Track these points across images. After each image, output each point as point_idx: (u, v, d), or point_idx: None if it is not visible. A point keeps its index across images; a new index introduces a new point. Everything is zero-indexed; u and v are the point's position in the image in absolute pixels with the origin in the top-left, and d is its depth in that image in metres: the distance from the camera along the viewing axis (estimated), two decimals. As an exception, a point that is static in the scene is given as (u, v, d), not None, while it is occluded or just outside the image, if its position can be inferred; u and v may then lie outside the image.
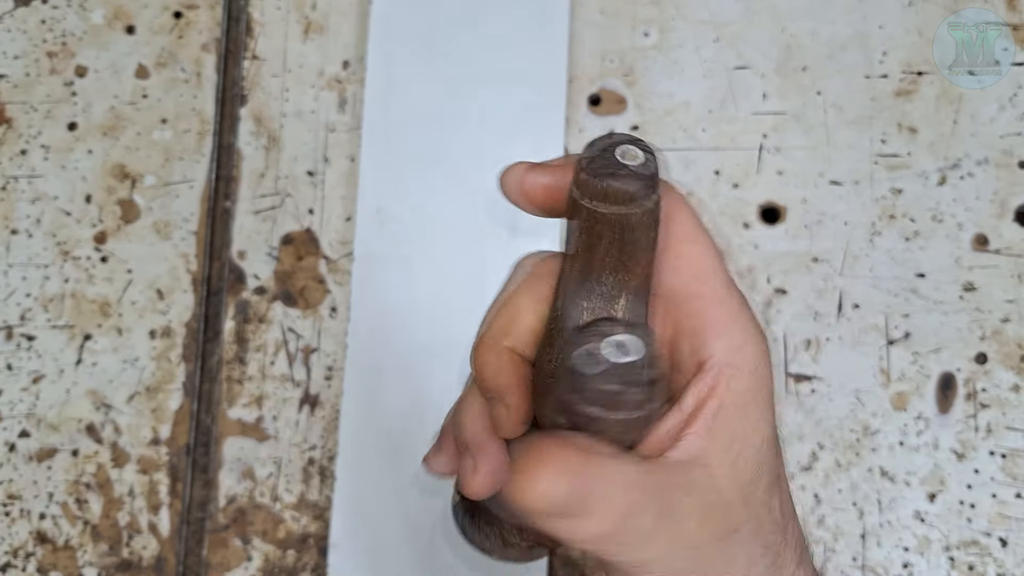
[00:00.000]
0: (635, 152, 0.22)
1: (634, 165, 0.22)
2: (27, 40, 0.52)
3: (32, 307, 0.49)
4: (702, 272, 0.24)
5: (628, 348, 0.20)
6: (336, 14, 0.50)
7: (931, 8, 0.48)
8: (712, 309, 0.24)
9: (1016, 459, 0.44)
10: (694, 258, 0.24)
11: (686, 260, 0.24)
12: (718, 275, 0.24)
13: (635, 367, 0.20)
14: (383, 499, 0.45)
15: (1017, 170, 0.46)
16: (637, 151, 0.22)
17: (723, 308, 0.24)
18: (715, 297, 0.24)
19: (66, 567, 0.47)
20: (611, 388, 0.20)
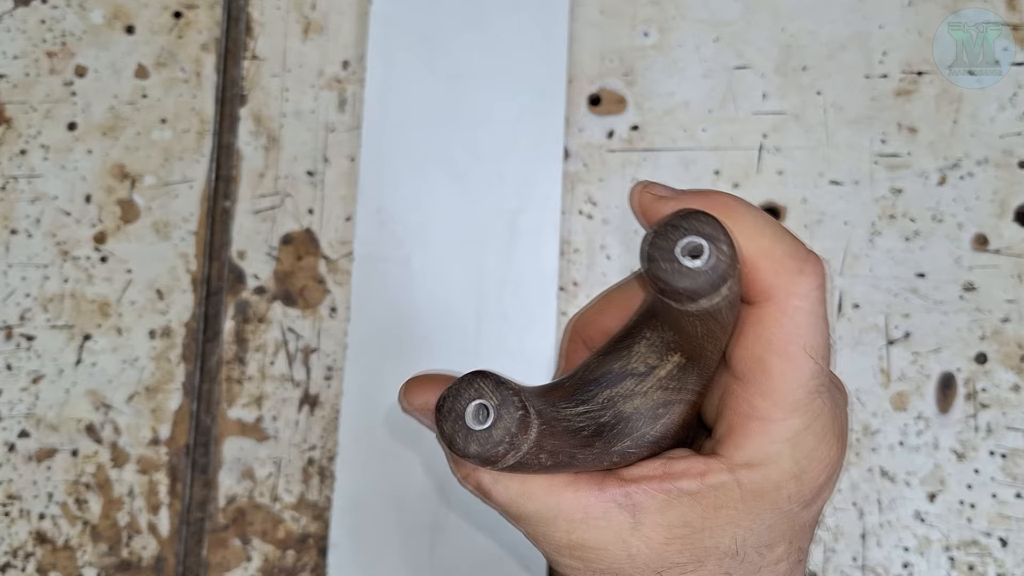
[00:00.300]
0: (699, 245, 0.19)
1: (694, 266, 0.19)
2: (26, 40, 0.52)
3: (31, 307, 0.49)
4: (774, 391, 0.22)
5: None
6: (336, 14, 0.50)
7: (931, 8, 0.48)
8: (750, 420, 0.22)
9: (1016, 459, 0.44)
10: (772, 373, 0.22)
11: (762, 373, 0.22)
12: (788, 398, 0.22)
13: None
14: (383, 499, 0.45)
15: (1017, 170, 0.46)
16: (703, 245, 0.19)
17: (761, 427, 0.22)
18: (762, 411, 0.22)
19: (65, 567, 0.47)
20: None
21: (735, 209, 0.21)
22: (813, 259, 0.22)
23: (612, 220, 0.47)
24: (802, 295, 0.21)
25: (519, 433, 0.20)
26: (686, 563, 0.23)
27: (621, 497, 0.23)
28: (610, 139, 0.48)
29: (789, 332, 0.21)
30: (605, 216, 0.47)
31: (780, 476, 0.22)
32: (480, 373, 0.21)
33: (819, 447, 0.22)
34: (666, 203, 0.22)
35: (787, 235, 0.22)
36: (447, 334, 0.46)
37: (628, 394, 0.22)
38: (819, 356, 0.22)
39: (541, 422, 0.21)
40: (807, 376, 0.22)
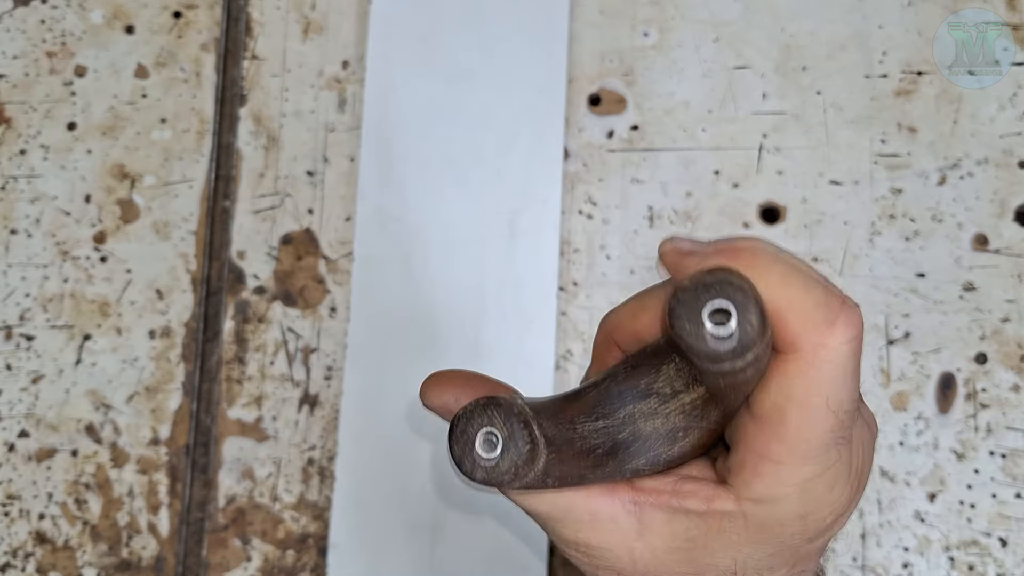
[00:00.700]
0: (727, 311, 0.19)
1: (719, 333, 0.19)
2: (26, 40, 0.52)
3: (31, 307, 0.49)
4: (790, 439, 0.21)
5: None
6: (335, 14, 0.50)
7: (931, 8, 0.48)
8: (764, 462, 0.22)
9: (1016, 459, 0.44)
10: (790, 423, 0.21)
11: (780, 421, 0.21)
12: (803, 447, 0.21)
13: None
14: (383, 499, 0.45)
15: (1017, 170, 0.46)
16: (730, 311, 0.19)
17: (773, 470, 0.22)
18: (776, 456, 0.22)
19: (65, 567, 0.47)
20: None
21: (762, 260, 0.21)
22: (847, 311, 0.21)
23: (612, 220, 0.47)
24: (830, 348, 0.21)
25: (525, 465, 0.21)
26: (685, 573, 0.23)
27: (630, 504, 0.23)
28: (610, 139, 0.48)
29: (813, 386, 0.21)
30: (605, 216, 0.47)
31: (786, 516, 0.22)
32: (494, 401, 0.21)
33: (829, 493, 0.22)
34: (692, 258, 0.22)
35: (818, 285, 0.21)
36: (447, 334, 0.46)
37: (650, 413, 0.22)
38: (842, 410, 0.21)
39: (551, 451, 0.21)
40: (826, 430, 0.21)
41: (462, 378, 0.26)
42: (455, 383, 0.25)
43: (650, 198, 0.47)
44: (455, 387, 0.25)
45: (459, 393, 0.25)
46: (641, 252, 0.47)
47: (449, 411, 0.25)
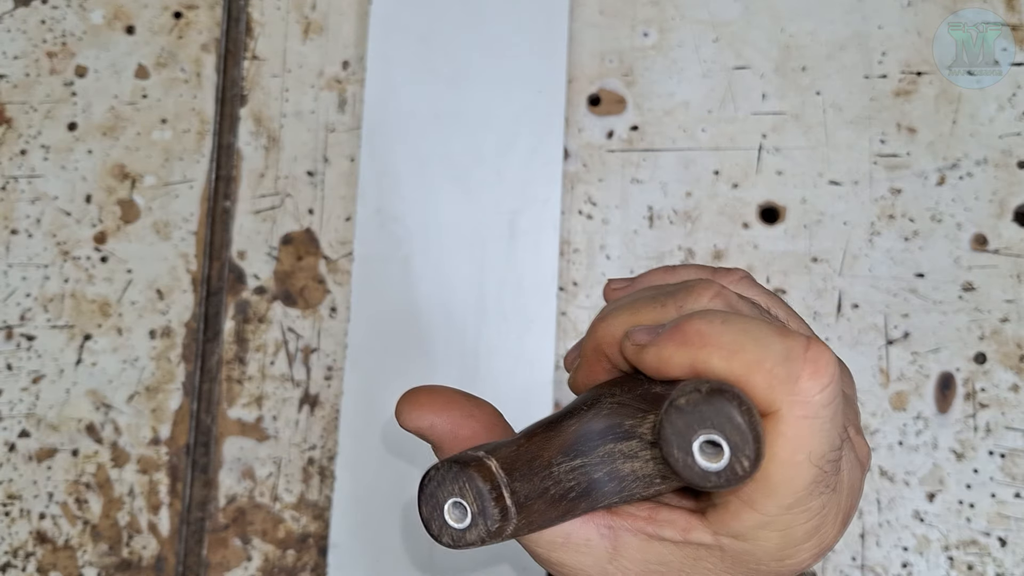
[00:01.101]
0: (718, 444, 0.18)
1: (711, 468, 0.18)
2: (27, 40, 0.52)
3: (32, 307, 0.49)
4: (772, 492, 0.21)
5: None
6: (336, 14, 0.50)
7: (930, 8, 0.48)
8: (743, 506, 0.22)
9: (1015, 459, 0.44)
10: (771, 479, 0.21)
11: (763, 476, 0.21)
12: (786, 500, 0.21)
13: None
14: (383, 499, 0.45)
15: (1016, 170, 0.46)
16: (723, 448, 0.18)
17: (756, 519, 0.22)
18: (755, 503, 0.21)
19: (66, 567, 0.47)
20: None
21: (710, 338, 0.20)
22: (812, 356, 0.20)
23: (612, 220, 0.47)
24: (803, 403, 0.20)
25: (493, 536, 0.20)
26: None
27: (604, 528, 0.23)
28: (610, 139, 0.48)
29: (792, 444, 0.20)
30: (605, 216, 0.47)
31: (764, 554, 0.22)
32: (466, 468, 0.20)
33: (811, 537, 0.22)
34: (650, 352, 0.21)
35: (775, 339, 0.20)
36: (447, 334, 0.46)
37: (630, 455, 0.22)
38: (825, 461, 0.21)
39: (521, 513, 0.21)
40: (808, 482, 0.21)
41: (439, 400, 0.25)
42: (432, 406, 0.25)
43: (650, 198, 0.47)
44: (431, 411, 0.25)
45: (435, 418, 0.25)
46: (641, 252, 0.47)
47: (424, 435, 0.25)
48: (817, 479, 0.21)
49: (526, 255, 0.46)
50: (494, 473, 0.20)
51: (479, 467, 0.20)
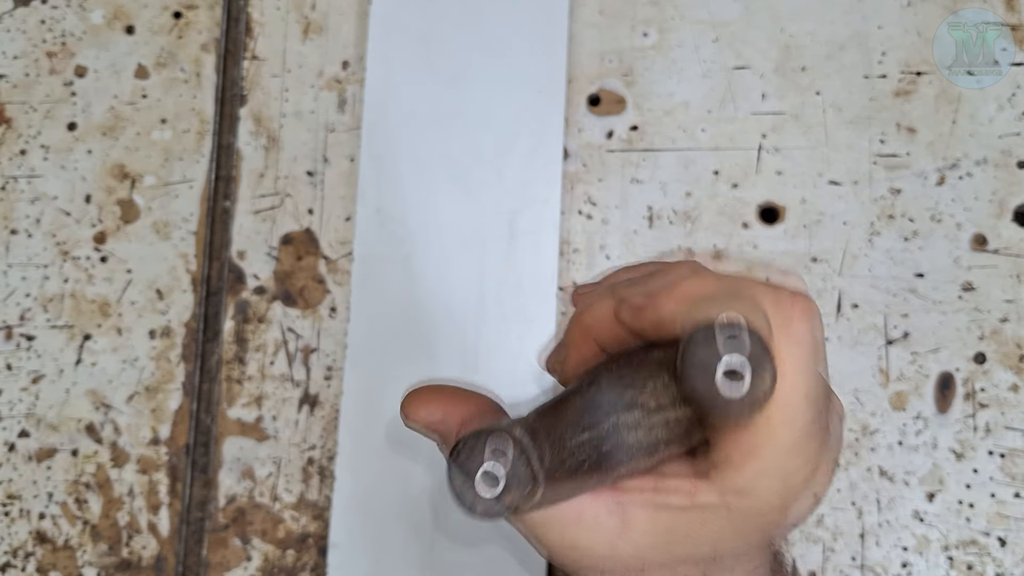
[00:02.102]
0: (740, 364, 0.19)
1: (733, 395, 0.19)
2: (26, 40, 0.52)
3: (31, 307, 0.49)
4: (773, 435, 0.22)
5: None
6: (335, 14, 0.51)
7: (930, 8, 0.48)
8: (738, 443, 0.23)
9: (1015, 459, 0.44)
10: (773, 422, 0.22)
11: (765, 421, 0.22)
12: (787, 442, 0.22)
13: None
14: (383, 499, 0.45)
15: (1016, 170, 0.46)
16: (745, 365, 0.19)
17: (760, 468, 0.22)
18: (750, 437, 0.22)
19: (66, 567, 0.47)
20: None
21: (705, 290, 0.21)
22: (799, 302, 0.21)
23: (611, 220, 0.47)
24: (797, 343, 0.21)
25: (524, 501, 0.21)
26: (666, 562, 0.24)
27: (613, 504, 0.24)
28: (609, 139, 0.48)
29: (790, 383, 0.21)
30: (604, 216, 0.48)
31: (767, 507, 0.23)
32: (497, 434, 0.21)
33: (808, 483, 0.23)
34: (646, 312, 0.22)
35: (764, 287, 0.22)
36: (447, 334, 0.46)
37: (634, 425, 0.22)
38: (818, 400, 0.22)
39: (547, 485, 0.21)
40: (806, 422, 0.22)
41: (445, 395, 0.25)
42: (439, 402, 0.25)
43: (650, 198, 0.47)
44: (439, 406, 0.25)
45: (443, 412, 0.25)
46: (641, 252, 0.47)
47: (434, 430, 0.25)
48: (813, 419, 0.22)
49: (526, 255, 0.46)
50: (520, 439, 0.21)
51: (508, 434, 0.21)
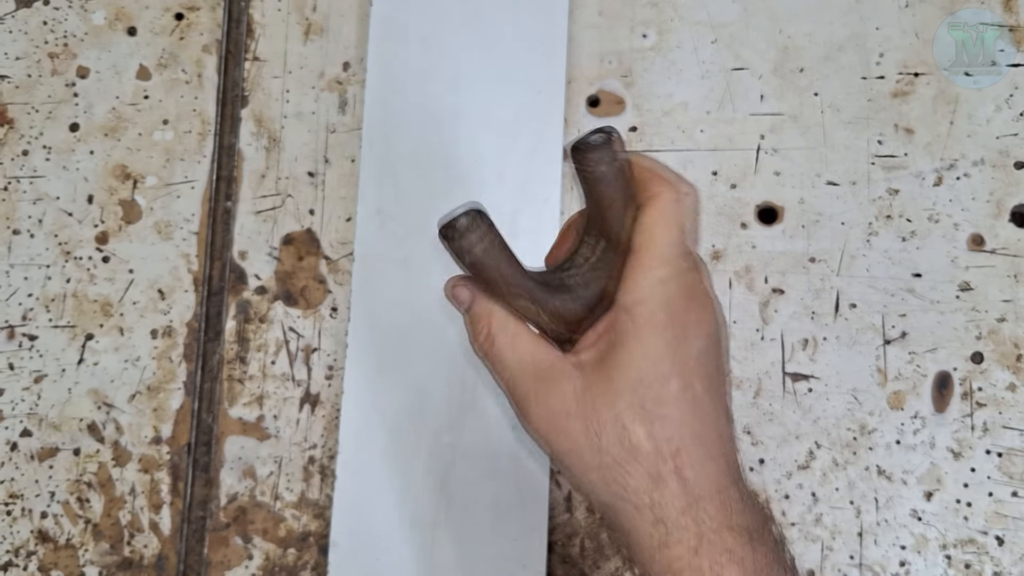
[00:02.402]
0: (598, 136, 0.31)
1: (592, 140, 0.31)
2: (28, 41, 0.52)
3: (34, 307, 0.49)
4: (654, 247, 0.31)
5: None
6: (336, 16, 0.51)
7: (927, 9, 0.48)
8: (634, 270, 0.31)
9: (1012, 458, 0.44)
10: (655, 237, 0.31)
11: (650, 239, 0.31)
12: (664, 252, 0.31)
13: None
14: (383, 498, 0.45)
15: (1013, 171, 0.46)
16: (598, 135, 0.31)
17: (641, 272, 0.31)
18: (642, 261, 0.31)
19: (67, 566, 0.47)
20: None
21: (645, 161, 0.33)
22: (686, 182, 0.32)
23: (611, 220, 0.48)
24: (676, 193, 0.31)
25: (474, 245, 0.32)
26: (610, 394, 0.30)
27: (573, 358, 0.32)
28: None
29: (667, 213, 0.31)
30: (604, 216, 0.48)
31: (654, 308, 0.30)
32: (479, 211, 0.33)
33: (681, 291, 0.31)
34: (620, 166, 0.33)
35: (669, 170, 0.33)
36: (447, 334, 0.46)
37: (575, 273, 0.34)
38: (687, 235, 0.31)
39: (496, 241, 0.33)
40: (676, 239, 0.31)
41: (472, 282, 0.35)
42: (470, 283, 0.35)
43: (649, 199, 0.48)
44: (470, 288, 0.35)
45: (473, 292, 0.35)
46: (640, 252, 0.47)
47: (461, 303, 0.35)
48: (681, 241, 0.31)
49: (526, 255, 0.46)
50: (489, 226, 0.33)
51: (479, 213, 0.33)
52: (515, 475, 0.45)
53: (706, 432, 0.29)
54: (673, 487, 0.29)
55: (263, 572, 0.47)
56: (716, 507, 0.28)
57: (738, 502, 0.29)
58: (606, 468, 0.29)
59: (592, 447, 0.30)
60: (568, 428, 0.30)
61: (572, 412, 0.30)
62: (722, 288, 0.47)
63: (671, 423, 0.29)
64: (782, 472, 0.45)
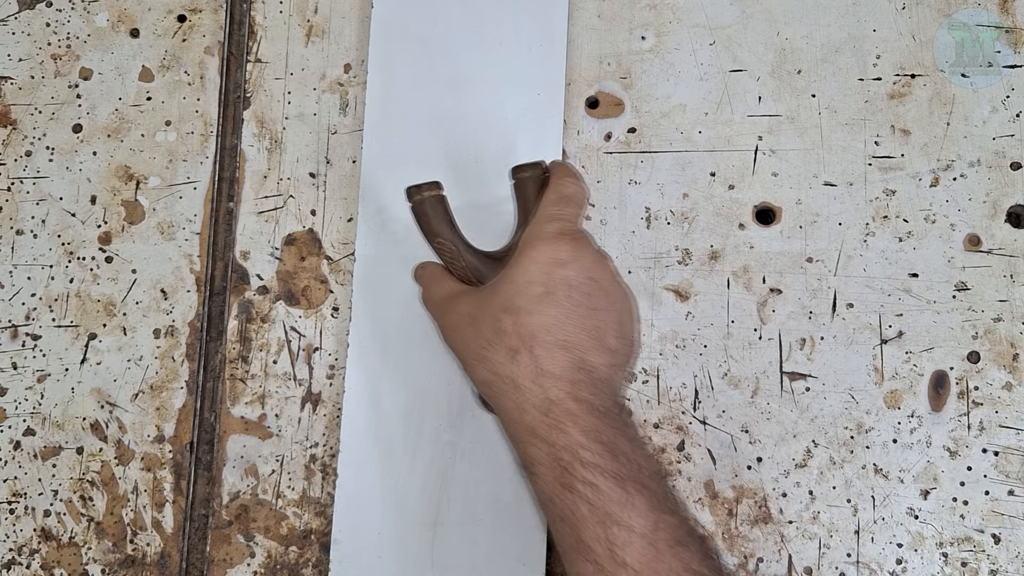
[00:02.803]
0: (530, 164, 0.45)
1: (528, 163, 0.45)
2: (32, 43, 0.52)
3: (37, 307, 0.50)
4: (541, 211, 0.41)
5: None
6: (337, 18, 0.51)
7: (924, 12, 0.48)
8: (527, 224, 0.41)
9: (1009, 456, 0.45)
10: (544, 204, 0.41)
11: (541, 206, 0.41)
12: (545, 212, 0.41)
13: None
14: (384, 496, 0.45)
15: (1009, 171, 0.47)
16: (529, 164, 0.45)
17: (531, 223, 0.41)
18: (533, 216, 0.41)
19: (70, 564, 0.48)
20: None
21: (557, 165, 0.44)
22: (582, 188, 0.42)
23: (610, 221, 0.48)
24: (569, 180, 0.42)
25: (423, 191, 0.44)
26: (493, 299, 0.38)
27: (476, 287, 0.42)
28: (608, 141, 0.49)
29: (555, 187, 0.42)
30: (603, 217, 0.48)
31: (534, 241, 0.39)
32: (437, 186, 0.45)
33: (558, 233, 0.39)
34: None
35: (569, 166, 0.44)
36: (447, 333, 0.46)
37: (500, 250, 0.45)
38: (569, 198, 0.41)
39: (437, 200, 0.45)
40: (556, 200, 0.41)
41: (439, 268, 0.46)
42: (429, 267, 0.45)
43: (647, 199, 0.48)
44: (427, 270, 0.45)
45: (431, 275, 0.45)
46: (638, 252, 0.48)
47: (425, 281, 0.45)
48: (567, 210, 0.40)
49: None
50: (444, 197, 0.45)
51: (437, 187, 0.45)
52: (515, 474, 0.45)
53: (560, 327, 0.36)
54: (525, 360, 0.36)
55: (265, 570, 0.47)
56: (564, 384, 0.35)
57: (587, 385, 0.35)
58: (482, 349, 0.37)
59: (476, 336, 0.37)
60: (463, 328, 0.38)
61: (467, 316, 0.39)
62: (720, 288, 0.47)
63: (531, 316, 0.36)
64: (780, 470, 0.45)
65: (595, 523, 0.33)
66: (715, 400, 0.46)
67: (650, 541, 0.32)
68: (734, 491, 0.45)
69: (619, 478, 0.33)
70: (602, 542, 0.32)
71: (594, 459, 0.33)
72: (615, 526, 0.32)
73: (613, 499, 0.33)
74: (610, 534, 0.32)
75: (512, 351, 0.36)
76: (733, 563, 0.45)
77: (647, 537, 0.32)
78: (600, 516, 0.33)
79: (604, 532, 0.32)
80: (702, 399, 0.46)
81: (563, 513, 0.33)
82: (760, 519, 0.45)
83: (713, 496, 0.45)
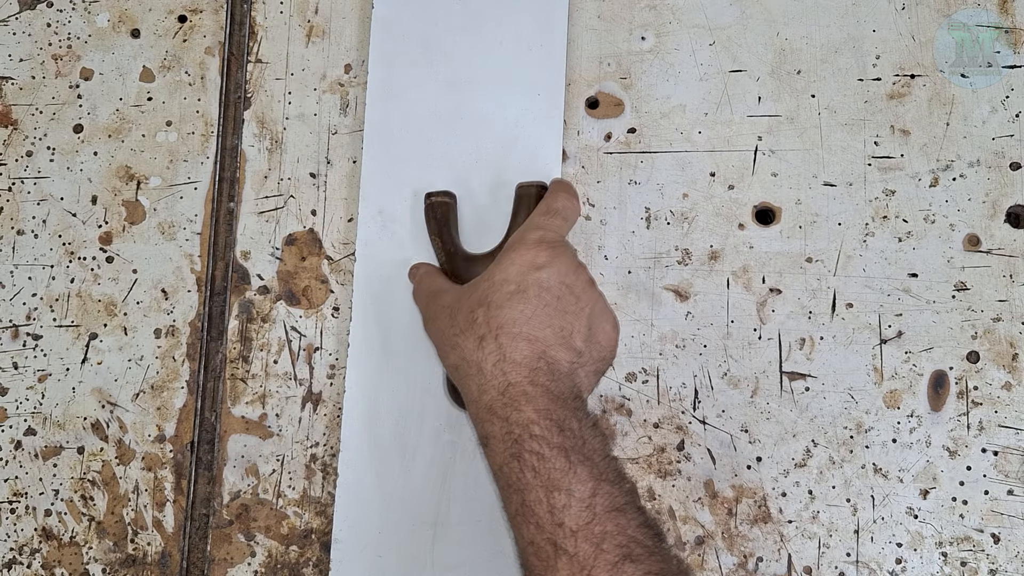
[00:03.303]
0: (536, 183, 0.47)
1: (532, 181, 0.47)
2: (32, 43, 0.52)
3: (38, 306, 0.50)
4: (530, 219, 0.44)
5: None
6: (338, 18, 0.51)
7: (923, 12, 0.48)
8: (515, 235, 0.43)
9: (1008, 456, 0.45)
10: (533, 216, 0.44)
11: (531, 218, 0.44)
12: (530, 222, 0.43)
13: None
14: (384, 495, 0.45)
15: (1008, 171, 0.47)
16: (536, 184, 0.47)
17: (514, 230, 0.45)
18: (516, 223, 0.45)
19: (71, 563, 0.48)
20: None
21: (555, 182, 0.46)
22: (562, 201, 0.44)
23: (610, 221, 0.48)
24: (555, 196, 0.44)
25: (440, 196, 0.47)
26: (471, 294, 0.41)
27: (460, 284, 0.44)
28: (608, 141, 0.49)
29: (546, 200, 0.44)
30: (603, 217, 0.48)
31: (515, 245, 0.41)
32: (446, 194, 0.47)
33: (537, 241, 0.41)
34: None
35: (567, 184, 0.46)
36: (447, 333, 0.46)
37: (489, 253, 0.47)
38: (555, 210, 0.43)
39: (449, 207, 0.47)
40: (543, 211, 0.43)
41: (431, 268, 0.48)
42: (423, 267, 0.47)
43: (647, 199, 0.48)
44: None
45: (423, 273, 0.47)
46: (638, 252, 0.48)
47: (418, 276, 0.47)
48: (553, 220, 0.43)
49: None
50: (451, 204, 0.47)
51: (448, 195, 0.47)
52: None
53: (527, 321, 0.39)
54: (491, 347, 0.38)
55: (266, 569, 0.47)
56: (524, 370, 0.38)
57: (546, 374, 0.38)
58: (454, 336, 0.40)
59: (451, 325, 0.40)
60: (442, 318, 0.41)
61: (447, 308, 0.41)
62: (719, 288, 0.47)
63: (501, 310, 0.39)
64: (779, 470, 0.45)
65: (539, 488, 0.35)
66: (715, 400, 0.46)
67: (588, 505, 0.35)
68: (734, 491, 0.45)
69: (563, 449, 0.36)
70: (544, 505, 0.35)
71: (542, 432, 0.36)
72: (556, 491, 0.35)
73: (556, 467, 0.36)
74: (552, 498, 0.35)
75: (480, 338, 0.39)
76: (732, 563, 0.45)
77: (585, 502, 0.35)
78: (543, 482, 0.35)
79: (546, 496, 0.35)
80: (702, 399, 0.46)
81: (510, 480, 0.36)
82: (760, 519, 0.45)
83: (713, 496, 0.46)
